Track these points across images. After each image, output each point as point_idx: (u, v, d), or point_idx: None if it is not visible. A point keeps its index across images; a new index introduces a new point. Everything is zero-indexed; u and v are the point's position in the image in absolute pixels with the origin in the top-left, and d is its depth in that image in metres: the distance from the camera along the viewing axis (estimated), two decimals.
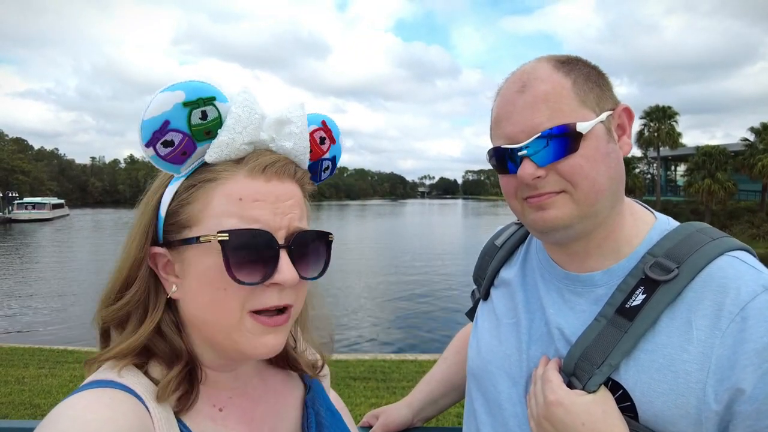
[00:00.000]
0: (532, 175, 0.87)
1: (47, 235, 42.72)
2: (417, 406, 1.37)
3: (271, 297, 0.74)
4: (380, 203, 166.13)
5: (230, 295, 0.72)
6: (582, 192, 0.87)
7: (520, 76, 0.92)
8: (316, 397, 0.94)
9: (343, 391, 6.30)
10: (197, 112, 0.72)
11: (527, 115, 0.87)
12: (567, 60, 0.92)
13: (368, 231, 49.55)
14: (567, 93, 0.87)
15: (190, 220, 0.74)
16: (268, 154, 0.77)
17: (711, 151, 36.40)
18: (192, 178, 0.75)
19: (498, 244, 1.21)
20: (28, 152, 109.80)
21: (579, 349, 0.88)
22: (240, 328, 0.74)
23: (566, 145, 0.85)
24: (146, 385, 0.73)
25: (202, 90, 0.72)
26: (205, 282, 0.73)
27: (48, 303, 15.65)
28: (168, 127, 0.71)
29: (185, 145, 0.73)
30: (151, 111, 0.70)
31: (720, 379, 0.77)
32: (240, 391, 0.84)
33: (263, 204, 0.74)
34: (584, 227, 0.90)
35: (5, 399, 5.87)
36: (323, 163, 0.91)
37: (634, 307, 0.85)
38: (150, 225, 0.77)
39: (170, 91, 0.70)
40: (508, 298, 1.09)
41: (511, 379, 1.01)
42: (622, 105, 0.93)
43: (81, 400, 0.67)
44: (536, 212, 0.91)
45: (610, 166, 0.88)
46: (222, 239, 0.70)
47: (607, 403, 0.84)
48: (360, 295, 17.21)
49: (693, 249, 0.87)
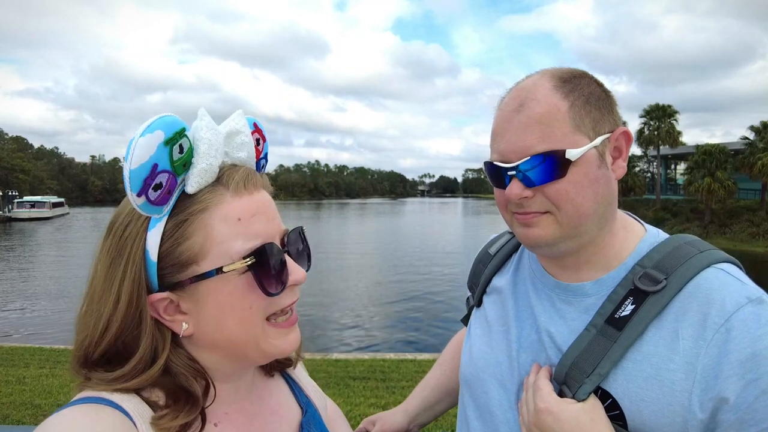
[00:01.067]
0: (518, 195, 0.89)
1: (47, 234, 42.75)
2: (413, 412, 1.38)
3: (287, 297, 0.79)
4: (380, 202, 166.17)
5: (255, 310, 0.76)
6: (566, 215, 0.89)
7: (518, 93, 0.92)
8: (312, 420, 0.95)
9: (343, 390, 6.32)
10: (176, 147, 0.70)
11: (520, 135, 0.88)
12: (570, 78, 0.91)
13: (367, 230, 49.56)
14: (562, 117, 0.87)
15: (194, 255, 0.73)
16: (236, 169, 0.78)
17: (711, 149, 36.37)
18: (178, 215, 0.73)
19: (491, 252, 1.22)
20: (28, 151, 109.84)
21: (569, 358, 0.90)
22: (265, 336, 0.78)
23: (554, 170, 0.86)
24: (137, 404, 0.71)
25: (174, 124, 0.70)
26: (230, 307, 0.75)
27: (48, 303, 15.68)
28: (157, 170, 0.69)
29: (170, 183, 0.71)
30: (138, 158, 0.67)
31: (705, 388, 0.79)
32: (237, 406, 0.85)
33: (258, 217, 0.76)
34: (568, 247, 0.93)
35: (6, 399, 5.88)
36: (261, 162, 0.92)
37: (624, 317, 0.87)
38: (141, 276, 0.73)
39: (150, 133, 0.67)
40: (500, 305, 1.11)
41: (502, 386, 1.02)
42: (620, 129, 0.93)
43: (67, 416, 0.67)
44: (522, 228, 0.94)
45: (597, 191, 0.89)
46: (251, 263, 0.73)
47: (596, 411, 0.86)
48: (359, 295, 17.23)
49: (681, 261, 0.88)
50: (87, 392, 0.72)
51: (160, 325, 0.75)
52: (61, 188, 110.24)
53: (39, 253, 30.08)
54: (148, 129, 0.68)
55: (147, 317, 0.73)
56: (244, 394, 0.87)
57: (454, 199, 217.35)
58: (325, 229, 47.52)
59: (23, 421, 5.22)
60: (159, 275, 0.73)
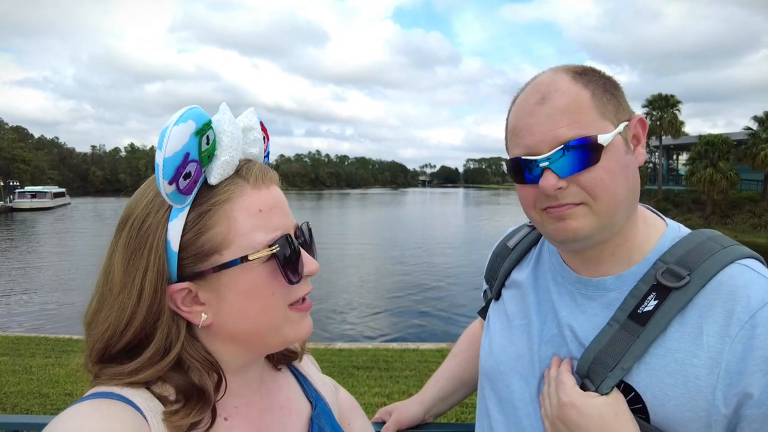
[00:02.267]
0: (554, 186, 0.88)
1: (48, 224, 42.80)
2: (428, 403, 1.40)
3: (304, 287, 0.83)
4: (381, 192, 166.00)
5: (278, 297, 0.79)
6: (602, 204, 0.88)
7: (538, 88, 0.92)
8: (322, 414, 0.96)
9: (347, 380, 6.37)
10: (204, 138, 0.73)
11: (549, 126, 0.88)
12: (584, 71, 0.93)
13: (368, 220, 49.55)
14: (587, 105, 0.88)
15: (218, 245, 0.74)
16: (252, 164, 0.81)
17: (713, 140, 36.19)
18: (201, 205, 0.74)
19: (510, 245, 1.23)
20: (28, 141, 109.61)
21: (592, 353, 0.91)
22: (286, 321, 0.81)
23: (588, 156, 0.86)
24: (148, 400, 0.72)
25: (204, 116, 0.73)
26: (253, 295, 0.77)
27: (51, 294, 15.75)
28: (189, 158, 0.71)
29: (196, 173, 0.73)
30: (172, 147, 0.68)
31: (729, 384, 0.80)
32: (246, 400, 0.85)
33: (276, 210, 0.79)
34: (602, 237, 0.92)
35: (14, 388, 5.94)
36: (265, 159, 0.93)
37: (647, 313, 0.88)
38: (164, 267, 0.73)
39: (183, 123, 0.69)
40: (520, 299, 1.12)
41: (523, 378, 1.03)
42: (636, 116, 0.94)
43: (79, 411, 0.68)
44: (556, 222, 0.92)
45: (628, 177, 0.90)
46: (276, 251, 0.76)
47: (619, 405, 0.87)
48: (362, 285, 17.28)
49: (704, 257, 0.89)
50: (99, 387, 0.73)
51: (176, 316, 0.75)
52: (62, 178, 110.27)
53: (41, 244, 30.14)
54: (181, 118, 0.69)
55: (166, 309, 0.73)
56: (254, 387, 0.88)
57: (455, 189, 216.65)
58: (326, 220, 47.54)
59: (32, 410, 5.27)
60: (179, 266, 0.74)
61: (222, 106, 0.79)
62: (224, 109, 0.78)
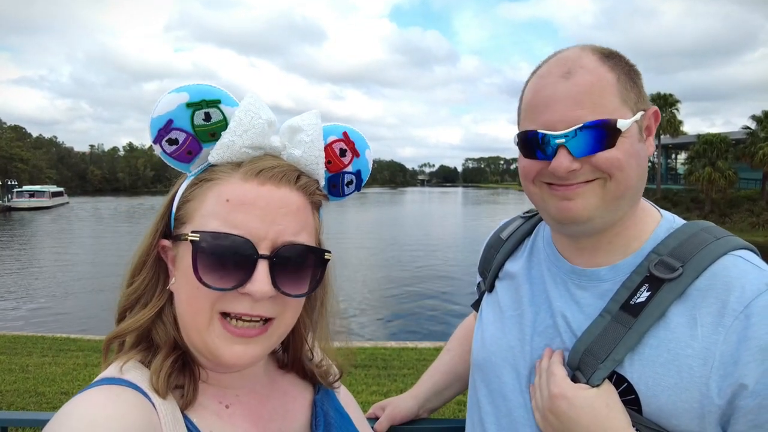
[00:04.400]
0: (567, 168, 0.87)
1: (46, 224, 42.74)
2: (422, 397, 1.39)
3: (242, 305, 0.73)
4: (380, 191, 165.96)
5: (202, 294, 0.73)
6: (615, 183, 0.87)
7: (564, 62, 0.90)
8: (325, 398, 0.95)
9: (345, 378, 6.33)
10: (200, 113, 0.75)
11: (569, 104, 0.87)
12: (611, 54, 0.91)
13: (367, 219, 49.55)
14: (611, 89, 0.87)
15: (186, 216, 0.77)
16: (270, 160, 0.77)
17: (712, 139, 36.26)
18: (196, 178, 0.79)
19: (503, 236, 1.22)
20: (26, 140, 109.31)
21: (583, 344, 0.90)
22: (210, 330, 0.74)
23: (605, 139, 0.86)
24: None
25: (207, 93, 0.75)
26: (185, 278, 0.74)
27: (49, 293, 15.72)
28: (172, 125, 0.75)
29: (189, 144, 0.77)
30: (158, 110, 0.75)
31: (723, 374, 0.79)
32: (248, 389, 0.85)
33: (249, 208, 0.72)
34: (604, 222, 0.91)
35: (10, 387, 5.93)
36: (345, 176, 0.90)
37: (639, 304, 0.87)
38: (163, 218, 0.82)
39: (176, 93, 0.74)
40: (513, 290, 1.11)
41: (514, 370, 1.02)
42: (652, 107, 0.94)
43: (88, 397, 0.69)
44: (560, 201, 0.91)
45: (640, 164, 0.90)
46: (193, 239, 0.71)
47: (611, 396, 0.86)
48: (360, 284, 17.28)
49: (698, 248, 0.88)
50: (107, 372, 0.75)
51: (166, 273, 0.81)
52: (60, 177, 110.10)
53: (39, 244, 30.08)
54: (177, 89, 0.75)
55: (153, 252, 0.81)
56: (255, 377, 0.88)
57: (454, 188, 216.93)
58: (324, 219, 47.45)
59: (27, 408, 5.26)
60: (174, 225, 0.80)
61: (248, 94, 0.79)
62: (249, 96, 0.78)
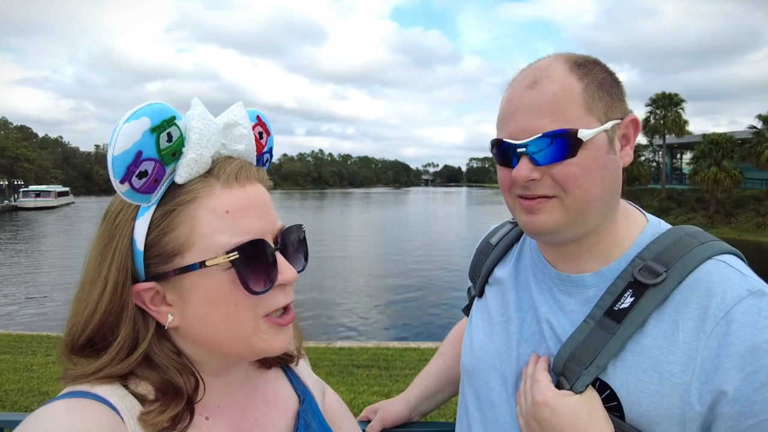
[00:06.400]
0: (526, 177, 0.88)
1: (53, 224, 42.96)
2: (414, 401, 1.39)
3: (280, 298, 0.77)
4: (383, 191, 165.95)
5: (242, 307, 0.73)
6: (572, 200, 0.88)
7: (532, 72, 0.91)
8: (309, 409, 0.95)
9: (346, 378, 6.37)
10: (164, 135, 0.70)
11: (532, 113, 0.88)
12: (584, 63, 0.91)
13: (371, 219, 49.55)
14: (576, 97, 0.87)
15: (179, 246, 0.72)
16: (230, 161, 0.76)
17: (717, 138, 36.04)
18: (166, 204, 0.72)
19: (493, 242, 1.22)
20: (32, 140, 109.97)
21: (567, 350, 0.90)
22: (257, 333, 0.75)
23: (565, 149, 0.86)
24: (125, 399, 0.71)
25: (163, 111, 0.69)
26: (214, 303, 0.72)
27: (53, 293, 15.81)
28: (141, 157, 0.68)
29: (156, 171, 0.70)
30: (121, 145, 0.66)
31: (704, 381, 0.79)
32: (229, 399, 0.83)
33: (248, 211, 0.74)
34: (572, 234, 0.92)
35: (15, 386, 5.96)
36: (264, 156, 0.91)
37: (623, 310, 0.87)
38: (127, 264, 0.72)
39: (135, 120, 0.67)
40: (501, 296, 1.11)
41: (502, 376, 1.03)
42: (630, 116, 0.93)
43: (53, 410, 0.66)
44: (526, 215, 0.93)
45: (605, 177, 0.89)
46: (234, 259, 0.70)
47: (594, 404, 0.86)
48: (363, 284, 17.28)
49: (681, 253, 0.88)
50: (74, 386, 0.72)
51: (145, 315, 0.74)
52: (65, 177, 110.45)
53: (46, 244, 30.25)
54: (133, 116, 0.67)
55: (130, 305, 0.72)
56: (237, 386, 0.86)
57: (458, 188, 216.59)
58: (328, 219, 47.52)
59: (31, 408, 5.29)
60: (146, 264, 0.73)
61: (194, 101, 0.75)
62: (195, 104, 0.75)
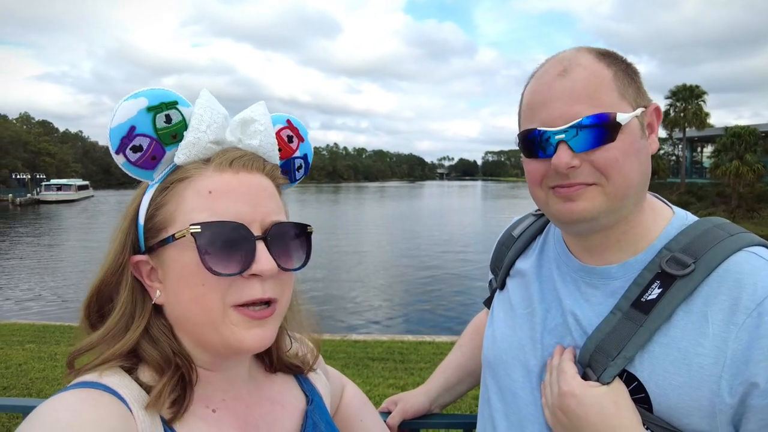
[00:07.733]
0: (567, 164, 0.86)
1: (74, 216, 43.78)
2: (434, 393, 1.40)
3: (254, 289, 0.74)
4: (398, 185, 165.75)
5: (210, 289, 0.72)
6: (614, 185, 0.87)
7: (560, 61, 0.91)
8: (317, 409, 0.94)
9: (362, 371, 6.42)
10: (161, 116, 0.76)
11: (567, 100, 0.87)
12: (607, 53, 0.92)
13: (386, 213, 49.57)
14: (608, 83, 0.87)
15: (165, 221, 0.75)
16: (234, 151, 0.79)
17: (740, 131, 35.16)
18: (165, 182, 0.77)
19: (515, 234, 1.22)
20: (53, 135, 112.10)
21: (594, 342, 0.90)
22: (225, 322, 0.73)
23: (604, 134, 0.85)
24: (132, 389, 0.72)
25: (163, 95, 0.76)
26: (184, 279, 0.73)
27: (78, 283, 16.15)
28: (135, 132, 0.74)
29: (153, 149, 0.76)
30: (117, 119, 0.74)
31: (735, 373, 0.78)
32: (233, 393, 0.84)
33: (234, 195, 0.75)
34: (609, 221, 0.91)
35: (40, 375, 6.13)
36: (295, 161, 0.92)
37: (650, 301, 0.87)
38: (128, 234, 0.78)
39: (134, 99, 0.74)
40: (524, 288, 1.11)
41: (525, 368, 1.03)
42: (653, 104, 0.93)
43: (63, 400, 0.66)
44: (564, 203, 0.91)
45: (641, 162, 0.89)
46: (194, 231, 0.71)
47: (620, 395, 0.86)
48: (378, 277, 17.33)
49: (710, 244, 0.87)
50: (83, 376, 0.73)
51: (144, 291, 0.78)
52: (85, 171, 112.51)
53: (67, 236, 30.85)
54: (133, 95, 0.75)
55: (127, 275, 0.78)
56: (239, 383, 0.86)
57: (474, 182, 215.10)
58: (343, 213, 47.63)
59: None
60: (145, 238, 0.78)
61: (202, 91, 0.81)
62: (202, 93, 0.80)
